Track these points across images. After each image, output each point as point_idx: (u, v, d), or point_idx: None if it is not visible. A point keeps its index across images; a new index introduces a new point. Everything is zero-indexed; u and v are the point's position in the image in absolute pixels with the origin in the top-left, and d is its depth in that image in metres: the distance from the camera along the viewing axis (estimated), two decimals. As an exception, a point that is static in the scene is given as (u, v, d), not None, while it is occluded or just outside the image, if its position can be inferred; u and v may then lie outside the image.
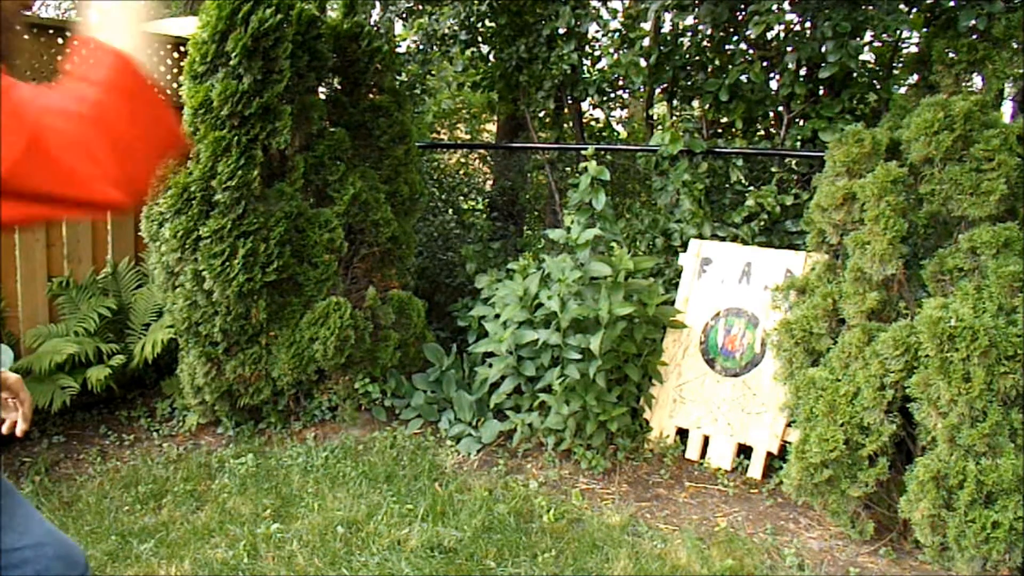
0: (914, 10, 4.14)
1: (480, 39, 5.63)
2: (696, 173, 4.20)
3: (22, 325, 3.75)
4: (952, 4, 3.84)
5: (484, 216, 6.25)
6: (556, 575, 2.66)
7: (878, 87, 4.40)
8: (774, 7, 3.88)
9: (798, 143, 4.29)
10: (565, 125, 6.21)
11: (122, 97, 0.87)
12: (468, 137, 8.48)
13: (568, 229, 3.59)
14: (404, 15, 5.67)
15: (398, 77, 5.04)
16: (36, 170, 0.81)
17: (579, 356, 3.34)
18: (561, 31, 5.06)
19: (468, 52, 5.69)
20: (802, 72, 4.32)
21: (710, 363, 3.66)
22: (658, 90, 5.23)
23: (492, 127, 8.16)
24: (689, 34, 4.87)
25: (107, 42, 0.89)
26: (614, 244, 3.71)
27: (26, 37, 3.70)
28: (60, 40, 3.76)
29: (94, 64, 0.87)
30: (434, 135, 7.63)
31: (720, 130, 4.93)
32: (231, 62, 3.36)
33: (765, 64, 4.43)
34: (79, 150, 0.82)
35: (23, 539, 1.38)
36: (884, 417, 2.74)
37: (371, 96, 4.14)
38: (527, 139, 6.25)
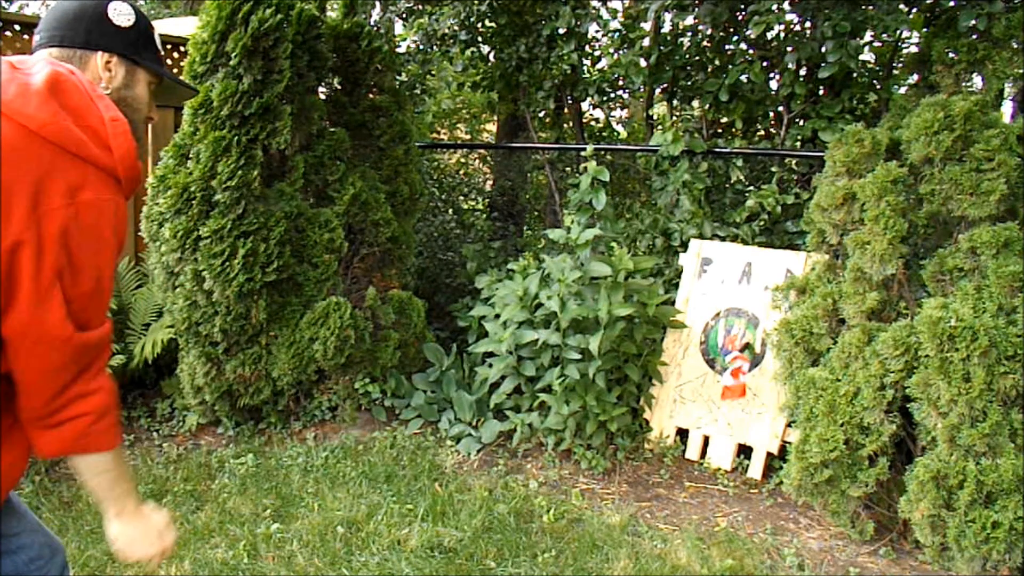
0: (914, 10, 4.14)
1: (480, 39, 5.63)
2: (696, 173, 4.20)
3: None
4: (952, 4, 3.84)
5: (484, 216, 6.26)
6: (556, 575, 2.66)
7: (878, 87, 4.41)
8: (774, 7, 3.88)
9: (798, 143, 4.29)
10: (565, 125, 6.21)
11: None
12: (468, 137, 8.48)
13: (568, 229, 3.59)
14: (404, 15, 5.67)
15: (398, 77, 5.04)
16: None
17: (579, 356, 3.34)
18: (561, 31, 5.06)
19: (468, 52, 5.69)
20: (802, 72, 4.32)
21: (710, 363, 3.66)
22: (658, 90, 5.23)
23: (492, 127, 8.16)
24: (689, 34, 4.88)
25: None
26: (614, 244, 3.71)
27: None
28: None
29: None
30: (434, 135, 7.63)
31: (720, 130, 4.93)
32: (231, 62, 3.36)
33: (765, 64, 4.42)
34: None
35: (20, 525, 1.40)
36: (884, 417, 2.74)
37: (371, 96, 4.13)
38: (527, 139, 6.25)
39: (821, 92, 4.38)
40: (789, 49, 4.22)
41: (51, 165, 1.08)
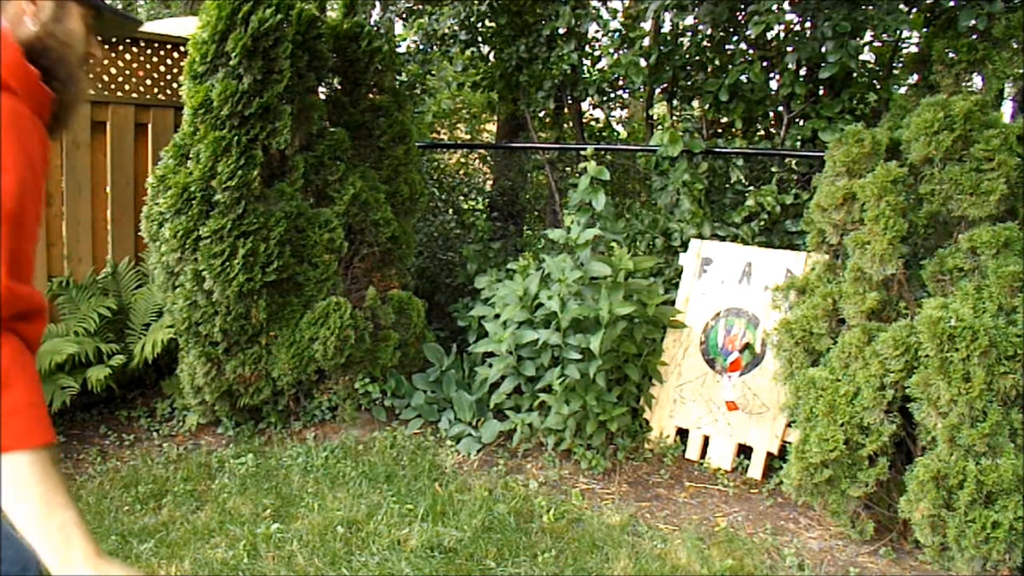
0: (914, 10, 4.14)
1: (480, 39, 5.64)
2: (696, 173, 4.21)
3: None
4: (952, 4, 3.85)
5: (484, 216, 6.26)
6: (556, 575, 2.66)
7: (878, 87, 4.41)
8: (774, 7, 3.88)
9: (798, 143, 4.30)
10: (565, 125, 6.21)
11: None
12: (468, 137, 8.48)
13: (568, 229, 3.59)
14: (404, 15, 5.68)
15: (398, 77, 5.04)
16: None
17: (579, 356, 3.34)
18: (561, 31, 5.06)
19: (468, 52, 5.69)
20: (802, 72, 4.33)
21: (710, 363, 3.66)
22: (658, 90, 5.23)
23: (492, 127, 8.17)
24: (689, 34, 4.88)
25: None
26: (614, 244, 3.71)
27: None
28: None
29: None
30: (434, 135, 7.63)
31: (720, 130, 4.93)
32: (231, 62, 3.36)
33: (765, 64, 4.43)
34: None
35: None
36: (884, 417, 2.74)
37: (371, 96, 4.14)
38: (527, 139, 6.25)
39: (821, 92, 4.39)
40: (789, 49, 4.23)
41: None
